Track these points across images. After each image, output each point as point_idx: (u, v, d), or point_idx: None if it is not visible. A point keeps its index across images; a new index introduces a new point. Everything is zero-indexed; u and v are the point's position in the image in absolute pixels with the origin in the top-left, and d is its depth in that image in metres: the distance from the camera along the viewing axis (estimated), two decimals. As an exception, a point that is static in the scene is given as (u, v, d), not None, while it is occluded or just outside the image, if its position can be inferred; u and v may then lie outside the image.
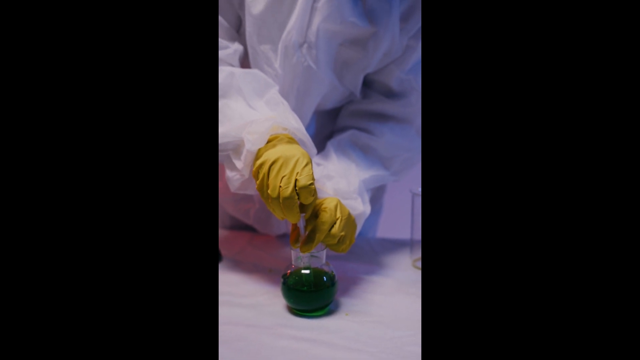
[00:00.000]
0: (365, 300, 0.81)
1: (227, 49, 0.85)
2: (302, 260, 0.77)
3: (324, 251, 0.77)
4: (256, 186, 0.73)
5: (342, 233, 0.76)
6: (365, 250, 1.00)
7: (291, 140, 0.76)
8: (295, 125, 0.77)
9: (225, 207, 1.09)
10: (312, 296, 0.76)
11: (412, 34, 0.87)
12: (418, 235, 0.94)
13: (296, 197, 0.70)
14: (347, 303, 0.80)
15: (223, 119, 0.78)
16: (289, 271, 0.78)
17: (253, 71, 0.83)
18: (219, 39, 0.85)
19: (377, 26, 0.84)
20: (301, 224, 0.75)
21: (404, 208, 0.98)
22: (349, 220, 0.79)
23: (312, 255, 0.76)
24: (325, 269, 0.78)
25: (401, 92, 0.93)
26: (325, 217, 0.75)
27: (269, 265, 0.93)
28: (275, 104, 0.80)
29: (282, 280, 0.78)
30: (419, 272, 0.91)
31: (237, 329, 0.73)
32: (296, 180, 0.70)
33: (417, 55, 0.89)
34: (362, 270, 0.91)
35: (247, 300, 0.81)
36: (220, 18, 0.85)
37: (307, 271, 0.77)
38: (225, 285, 0.86)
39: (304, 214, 0.74)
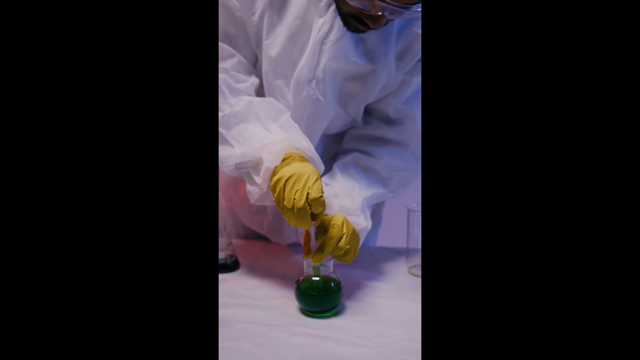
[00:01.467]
0: (367, 303, 0.92)
1: (246, 82, 0.96)
2: (312, 269, 0.88)
3: (332, 261, 0.88)
4: (273, 198, 0.84)
5: (348, 246, 0.87)
6: (366, 258, 1.10)
7: (303, 158, 0.87)
8: (306, 145, 0.88)
9: (242, 218, 1.20)
10: (321, 299, 0.87)
11: (407, 71, 0.97)
12: (413, 245, 1.04)
13: (308, 207, 0.81)
14: (352, 305, 0.91)
15: (243, 141, 0.89)
16: (301, 278, 0.89)
17: (268, 99, 0.94)
18: (239, 74, 0.96)
19: (376, 64, 0.94)
20: (312, 231, 0.86)
21: (401, 221, 1.07)
22: (354, 235, 0.90)
23: (321, 265, 0.88)
24: (333, 276, 0.88)
25: (398, 119, 1.03)
26: (334, 232, 0.86)
27: (281, 271, 1.04)
28: (288, 127, 0.91)
29: (295, 285, 0.89)
30: (415, 278, 1.02)
31: (257, 327, 0.84)
32: (308, 193, 0.81)
33: (411, 88, 1.00)
34: (364, 277, 1.01)
35: (264, 303, 0.92)
36: (239, 55, 0.97)
37: (317, 278, 0.87)
38: (243, 290, 0.97)
39: (314, 222, 0.85)
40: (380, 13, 0.81)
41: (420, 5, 0.79)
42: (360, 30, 0.89)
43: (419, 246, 1.04)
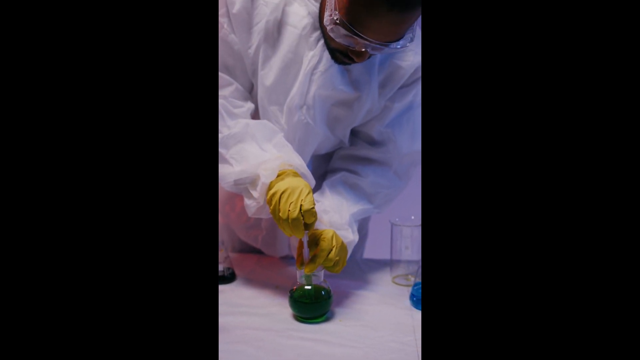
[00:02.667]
0: (355, 309, 1.01)
1: (243, 107, 1.06)
2: (305, 279, 0.97)
3: (322, 272, 0.97)
4: (270, 210, 0.94)
5: (337, 258, 0.97)
6: (354, 269, 1.19)
7: (296, 174, 0.96)
8: (299, 162, 0.98)
9: (238, 233, 1.28)
10: (313, 306, 0.96)
11: (388, 97, 1.07)
12: (396, 257, 1.13)
13: (301, 218, 0.91)
14: (341, 311, 1.00)
15: (241, 160, 0.98)
16: (294, 287, 0.98)
17: (263, 121, 1.03)
18: (236, 100, 1.06)
19: (361, 92, 1.04)
20: (305, 240, 0.95)
21: (385, 235, 1.16)
22: (342, 248, 0.99)
23: (313, 275, 0.97)
24: (323, 285, 0.97)
25: (381, 141, 1.12)
26: (324, 245, 0.95)
27: (275, 282, 1.12)
28: (281, 146, 1.00)
29: (289, 294, 0.98)
30: (398, 287, 1.11)
31: (255, 332, 0.92)
32: (301, 205, 0.90)
33: (393, 113, 1.09)
34: (352, 286, 1.10)
35: (261, 311, 1.00)
36: (237, 84, 1.06)
37: (309, 287, 0.97)
38: (241, 299, 1.05)
39: (307, 232, 0.94)
40: (363, 49, 0.91)
41: (399, 42, 0.90)
42: (346, 63, 0.99)
43: (402, 257, 1.13)
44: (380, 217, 1.21)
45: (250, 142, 1.00)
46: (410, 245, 1.12)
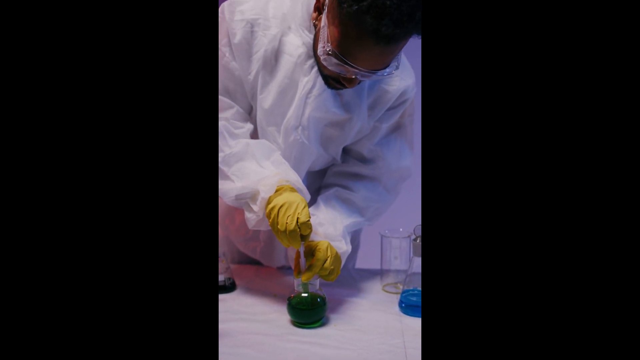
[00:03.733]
0: (348, 315, 1.08)
1: (243, 128, 1.14)
2: (302, 287, 1.05)
3: (318, 280, 1.05)
4: (269, 223, 1.02)
5: (332, 267, 1.04)
6: (347, 278, 1.26)
7: (292, 189, 1.04)
8: (295, 178, 1.06)
9: (237, 245, 1.36)
10: (310, 313, 1.03)
11: (377, 118, 1.16)
12: (386, 266, 1.21)
13: (298, 230, 0.99)
14: (336, 317, 1.07)
15: (242, 176, 1.07)
16: (292, 295, 1.05)
17: (262, 141, 1.12)
18: (237, 122, 1.14)
19: (352, 114, 1.13)
20: (302, 250, 1.03)
21: (375, 246, 1.24)
22: (337, 258, 1.07)
23: (309, 283, 1.05)
24: (319, 293, 1.05)
25: (371, 158, 1.21)
26: (320, 255, 1.03)
27: (273, 291, 1.19)
28: (279, 164, 1.09)
29: (287, 301, 1.05)
30: (387, 294, 1.18)
31: (256, 337, 0.99)
32: (298, 218, 0.98)
33: (381, 132, 1.18)
34: (345, 294, 1.18)
35: (260, 317, 1.07)
36: (237, 106, 1.14)
37: (306, 294, 1.04)
38: (242, 307, 1.12)
39: (303, 242, 1.02)
40: (353, 76, 1.00)
41: (385, 70, 0.98)
42: (338, 88, 1.08)
43: (391, 267, 1.21)
44: (370, 229, 1.29)
45: (250, 160, 1.08)
46: (399, 256, 1.20)
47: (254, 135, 1.18)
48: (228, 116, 1.13)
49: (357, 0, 0.89)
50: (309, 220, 0.99)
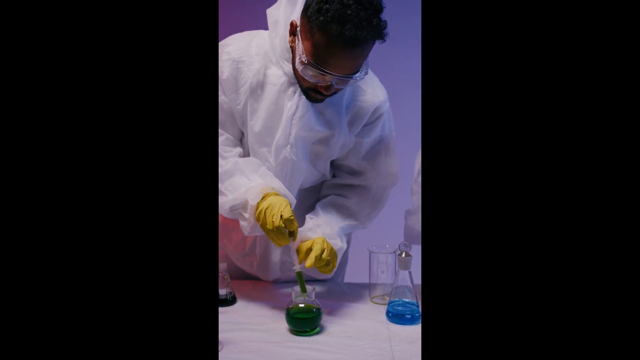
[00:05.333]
0: (340, 324, 1.19)
1: (232, 152, 1.29)
2: (299, 298, 1.16)
3: (313, 292, 1.17)
4: (259, 224, 1.16)
5: (328, 258, 1.18)
6: (338, 291, 1.38)
7: (277, 195, 1.19)
8: (279, 185, 1.21)
9: (235, 262, 1.47)
10: (306, 321, 1.14)
11: (357, 133, 1.31)
12: (374, 280, 1.32)
13: (283, 226, 1.13)
14: (329, 326, 1.18)
15: (233, 190, 1.20)
16: (290, 306, 1.16)
17: (249, 158, 1.27)
18: (226, 147, 1.28)
19: (334, 130, 1.28)
20: (292, 246, 1.17)
21: (364, 261, 1.35)
22: (332, 252, 1.22)
23: (305, 295, 1.16)
24: (314, 304, 1.16)
25: (360, 171, 1.37)
26: (317, 247, 1.18)
27: (270, 303, 1.30)
28: (265, 175, 1.23)
29: (285, 312, 1.16)
30: (375, 305, 1.30)
31: (258, 344, 1.10)
32: (281, 215, 1.12)
33: (365, 147, 1.33)
34: (338, 305, 1.29)
35: (261, 327, 1.18)
36: (227, 134, 1.29)
37: (303, 305, 1.16)
38: (243, 318, 1.23)
39: (292, 239, 1.16)
40: (329, 83, 1.15)
41: (356, 75, 1.14)
42: (318, 100, 1.22)
43: (379, 281, 1.32)
44: (359, 246, 1.42)
45: (239, 176, 1.23)
46: (385, 270, 1.31)
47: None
48: (219, 142, 1.28)
49: (322, 12, 1.06)
50: (291, 216, 1.14)
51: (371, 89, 1.27)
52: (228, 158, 1.25)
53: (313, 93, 1.20)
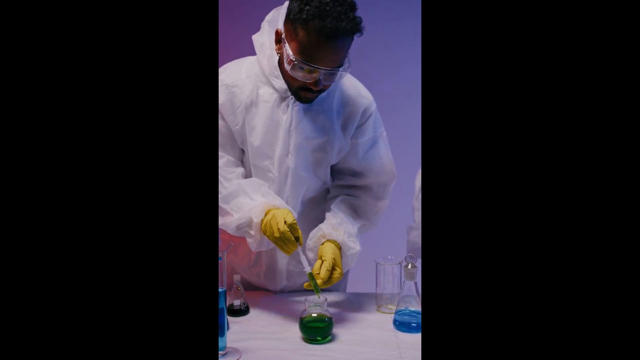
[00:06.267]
0: (350, 332, 1.26)
1: (234, 173, 1.37)
2: (312, 308, 1.23)
3: (325, 302, 1.24)
4: (267, 236, 1.24)
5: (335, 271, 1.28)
6: (347, 302, 1.45)
7: (278, 209, 1.27)
8: (280, 202, 1.30)
9: (243, 274, 1.53)
10: (319, 330, 1.21)
11: (350, 136, 1.41)
12: (380, 290, 1.39)
13: (289, 231, 1.21)
14: (340, 334, 1.25)
15: (238, 210, 1.29)
16: (303, 315, 1.23)
17: (252, 179, 1.36)
18: (229, 168, 1.37)
19: (328, 136, 1.38)
20: (299, 251, 1.25)
21: (370, 272, 1.42)
22: (337, 259, 1.31)
23: (318, 305, 1.22)
24: (326, 313, 1.23)
25: (361, 172, 1.47)
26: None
27: (281, 312, 1.36)
28: (266, 194, 1.32)
29: (299, 321, 1.23)
30: (382, 314, 1.36)
31: (274, 352, 1.16)
32: (285, 221, 1.21)
33: (361, 148, 1.43)
34: (346, 315, 1.36)
35: (276, 336, 1.24)
36: (227, 156, 1.38)
37: (315, 314, 1.23)
38: (257, 327, 1.29)
39: (298, 243, 1.24)
40: (318, 78, 1.24)
41: (341, 68, 1.24)
42: (309, 99, 1.32)
43: (385, 291, 1.39)
44: (365, 257, 1.47)
45: (243, 196, 1.32)
46: (391, 280, 1.38)
47: (247, 176, 1.41)
48: (221, 164, 1.37)
49: (304, 12, 1.18)
50: (294, 222, 1.23)
51: (357, 93, 1.40)
52: (231, 180, 1.35)
53: (303, 92, 1.30)
